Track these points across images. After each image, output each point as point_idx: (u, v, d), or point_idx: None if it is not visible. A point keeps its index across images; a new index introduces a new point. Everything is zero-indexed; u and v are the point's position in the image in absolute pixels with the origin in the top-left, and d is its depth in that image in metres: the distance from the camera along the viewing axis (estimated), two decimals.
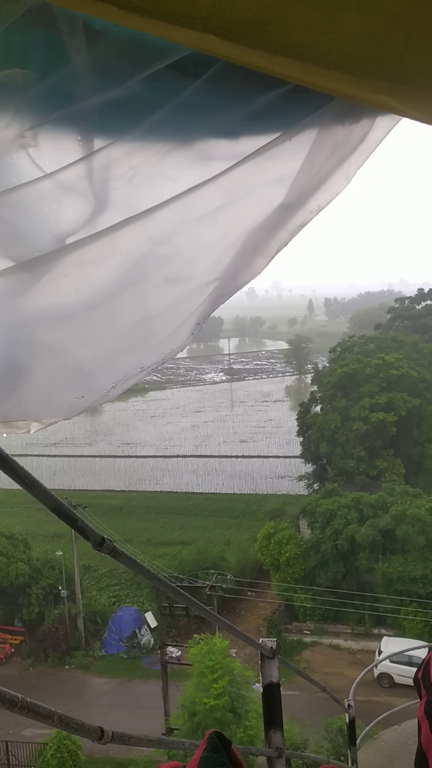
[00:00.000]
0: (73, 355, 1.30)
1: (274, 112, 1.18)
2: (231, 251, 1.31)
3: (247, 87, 1.15)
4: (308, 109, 1.20)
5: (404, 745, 7.44)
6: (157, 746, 2.17)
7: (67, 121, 1.14)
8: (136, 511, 44.31)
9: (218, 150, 1.23)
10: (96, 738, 1.57)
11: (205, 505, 44.79)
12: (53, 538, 36.25)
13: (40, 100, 1.10)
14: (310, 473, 42.80)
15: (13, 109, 1.10)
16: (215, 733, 1.28)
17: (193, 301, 1.34)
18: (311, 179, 1.28)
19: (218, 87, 1.13)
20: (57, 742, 20.26)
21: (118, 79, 1.09)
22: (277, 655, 3.49)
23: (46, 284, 1.19)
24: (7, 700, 1.21)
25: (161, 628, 25.47)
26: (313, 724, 19.93)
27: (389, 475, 37.75)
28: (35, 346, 1.26)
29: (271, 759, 3.45)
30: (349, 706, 6.17)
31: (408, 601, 28.22)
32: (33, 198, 1.15)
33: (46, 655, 30.21)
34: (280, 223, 1.31)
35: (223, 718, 18.32)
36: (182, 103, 1.13)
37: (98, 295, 1.25)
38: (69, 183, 1.16)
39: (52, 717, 1.37)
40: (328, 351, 50.69)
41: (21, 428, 1.35)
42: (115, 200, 1.22)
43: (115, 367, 1.36)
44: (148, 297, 1.31)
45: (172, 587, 2.38)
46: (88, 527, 1.59)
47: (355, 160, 1.30)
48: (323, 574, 30.01)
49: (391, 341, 45.95)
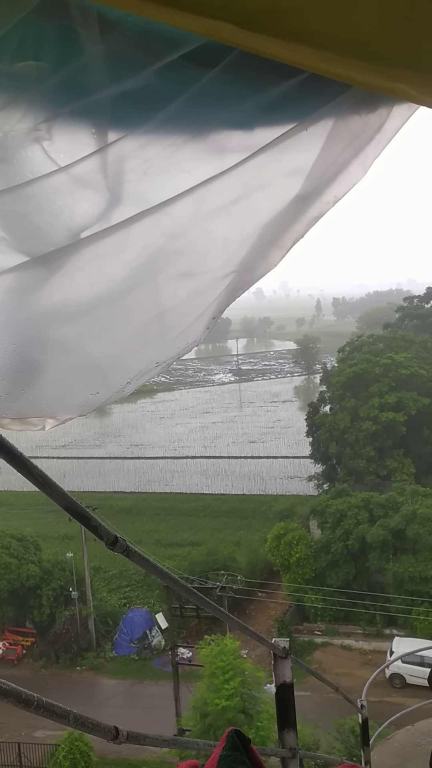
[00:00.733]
0: (88, 351, 1.30)
1: (289, 101, 1.17)
2: (246, 244, 1.29)
3: (262, 77, 1.14)
4: (324, 99, 1.19)
5: (418, 745, 7.40)
6: (171, 746, 2.16)
7: (81, 113, 1.13)
8: (145, 512, 44.34)
9: (233, 142, 1.22)
10: (111, 738, 1.56)
11: (214, 506, 44.75)
12: (64, 539, 36.33)
13: (54, 92, 1.09)
14: (320, 473, 42.66)
15: (27, 102, 1.09)
16: (234, 731, 1.27)
17: (209, 295, 1.33)
18: (327, 170, 1.27)
19: (233, 77, 1.12)
20: (69, 744, 20.28)
21: (132, 70, 1.08)
22: (290, 655, 3.47)
23: (61, 279, 1.18)
24: (23, 699, 1.20)
25: (172, 629, 25.46)
26: (325, 725, 19.86)
27: (399, 475, 37.57)
28: (49, 343, 1.26)
29: (285, 759, 3.43)
30: (362, 707, 6.15)
31: (419, 601, 28.07)
32: (47, 192, 1.15)
33: (58, 656, 30.26)
34: (296, 215, 1.30)
35: (234, 719, 18.28)
36: (197, 93, 1.12)
37: (112, 289, 1.24)
38: (83, 176, 1.15)
39: (67, 716, 1.36)
40: (337, 351, 50.53)
41: (36, 425, 1.35)
42: (130, 193, 1.21)
43: (130, 363, 1.35)
44: (162, 291, 1.30)
45: (186, 587, 2.36)
46: (102, 526, 1.58)
47: (371, 149, 1.28)
48: (334, 575, 29.91)
49: (400, 340, 45.74)
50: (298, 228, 1.32)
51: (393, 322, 57.54)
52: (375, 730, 7.22)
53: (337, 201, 1.32)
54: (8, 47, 1.02)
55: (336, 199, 1.32)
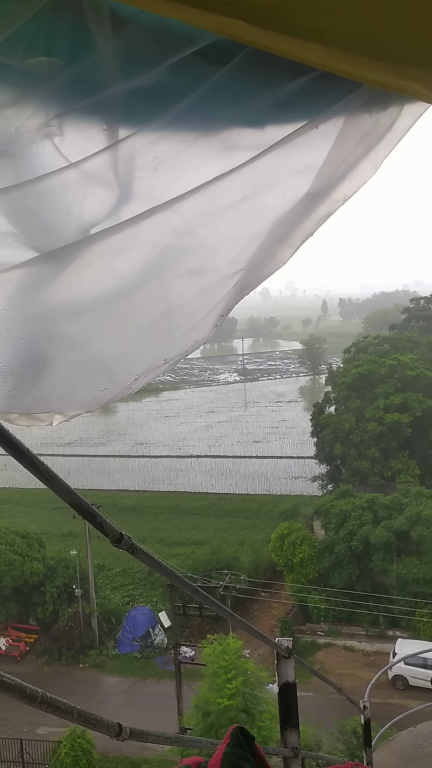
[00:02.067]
0: (96, 348, 1.30)
1: (300, 99, 1.17)
2: (255, 242, 1.29)
3: (273, 74, 1.14)
4: (335, 97, 1.19)
5: (420, 747, 7.39)
6: (174, 744, 2.17)
7: (92, 109, 1.13)
8: (149, 511, 44.37)
9: (244, 139, 1.22)
10: (114, 734, 1.57)
11: (218, 506, 44.75)
12: (68, 537, 36.40)
13: (66, 88, 1.10)
14: (324, 474, 42.61)
15: (38, 98, 1.10)
16: (239, 729, 1.27)
17: (217, 292, 1.33)
18: (338, 168, 1.27)
19: (244, 74, 1.12)
20: (71, 741, 20.32)
21: (144, 67, 1.08)
22: (293, 654, 3.47)
23: (70, 275, 1.18)
24: (28, 694, 1.21)
25: (175, 627, 25.49)
26: (327, 726, 19.85)
27: (404, 477, 37.49)
28: (58, 338, 1.26)
29: (287, 759, 3.43)
30: (364, 707, 6.16)
31: (423, 603, 28.02)
32: (57, 188, 1.15)
33: (60, 653, 30.32)
34: (305, 213, 1.30)
35: (236, 719, 18.27)
36: (208, 90, 1.12)
37: (121, 286, 1.24)
38: (93, 172, 1.15)
39: (71, 712, 1.37)
40: (343, 351, 50.43)
41: (44, 421, 1.35)
42: (139, 190, 1.21)
43: (138, 359, 1.35)
44: (171, 288, 1.30)
45: (190, 585, 2.37)
46: (107, 523, 1.58)
47: (382, 148, 1.28)
48: (337, 576, 29.87)
49: (406, 341, 45.65)
50: (307, 226, 1.32)
51: (399, 323, 57.41)
52: (377, 731, 7.23)
53: (347, 199, 1.32)
54: (21, 43, 1.02)
55: (346, 198, 1.32)
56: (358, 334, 65.47)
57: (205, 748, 2.29)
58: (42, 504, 41.44)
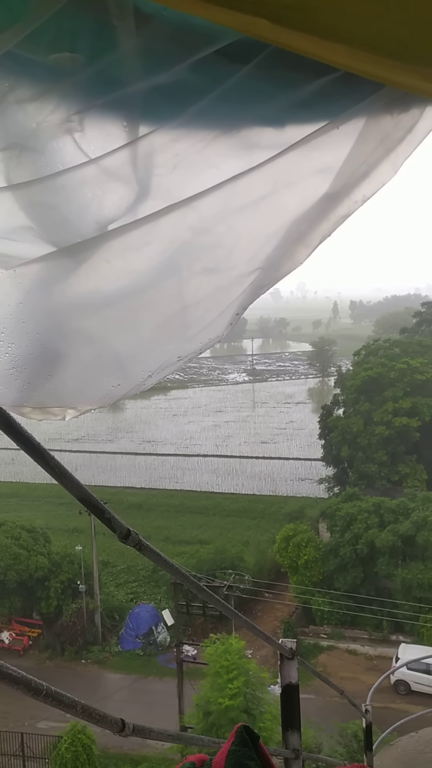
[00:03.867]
0: (111, 343, 1.30)
1: (321, 99, 1.17)
2: (273, 241, 1.29)
3: (295, 74, 1.14)
4: (356, 98, 1.18)
5: (421, 753, 7.35)
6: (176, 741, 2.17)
7: (113, 106, 1.13)
8: (155, 508, 44.42)
9: (264, 138, 1.22)
10: (117, 730, 1.57)
11: (224, 505, 44.75)
12: (73, 532, 36.49)
13: (88, 84, 1.10)
14: (331, 476, 42.51)
15: (60, 93, 1.10)
16: (244, 727, 1.27)
17: (233, 290, 1.33)
18: (357, 169, 1.27)
19: (266, 74, 1.12)
20: (71, 736, 20.38)
21: (166, 65, 1.08)
22: (296, 656, 3.46)
23: (87, 270, 1.18)
24: (32, 687, 1.21)
25: (178, 626, 25.49)
26: (328, 729, 19.80)
27: (411, 481, 37.34)
28: (73, 333, 1.26)
29: (288, 760, 3.42)
30: (366, 711, 6.13)
31: (427, 609, 27.90)
32: (76, 183, 1.15)
33: (63, 648, 30.41)
34: (324, 213, 1.29)
35: (237, 719, 18.26)
36: (229, 89, 1.12)
37: (138, 282, 1.24)
38: (113, 169, 1.15)
39: (75, 706, 1.37)
40: (352, 354, 50.25)
41: (57, 415, 1.35)
42: (158, 187, 1.21)
43: (152, 356, 1.36)
44: (187, 286, 1.30)
45: (195, 583, 2.37)
46: (115, 519, 1.58)
47: (402, 150, 1.28)
48: (342, 579, 29.80)
49: (416, 345, 45.42)
50: (325, 226, 1.32)
51: (410, 327, 57.12)
52: (378, 735, 7.19)
53: (366, 200, 1.31)
54: (44, 38, 1.02)
55: (365, 199, 1.31)
56: (369, 337, 65.21)
57: (207, 747, 2.29)
58: (48, 499, 41.60)
